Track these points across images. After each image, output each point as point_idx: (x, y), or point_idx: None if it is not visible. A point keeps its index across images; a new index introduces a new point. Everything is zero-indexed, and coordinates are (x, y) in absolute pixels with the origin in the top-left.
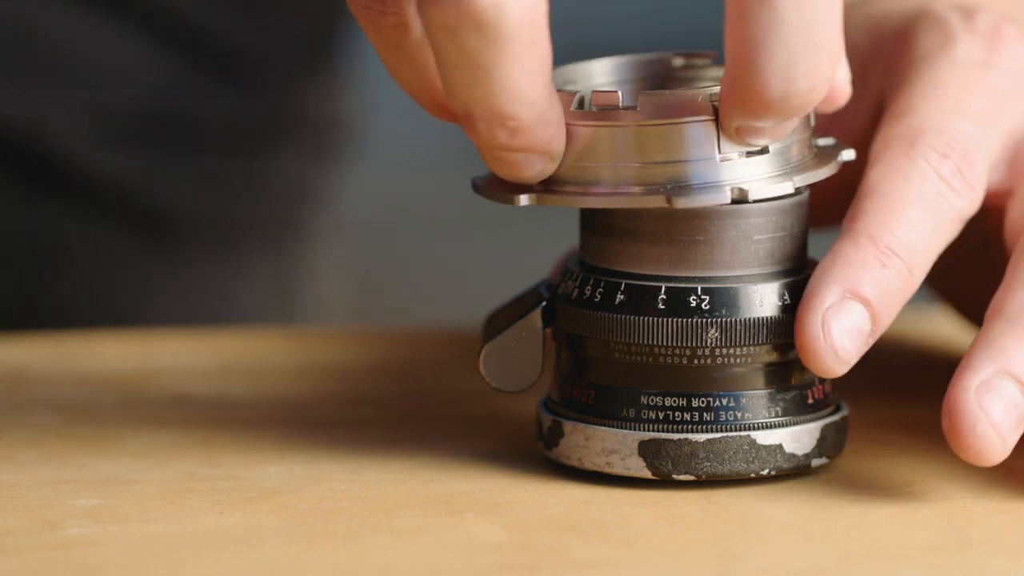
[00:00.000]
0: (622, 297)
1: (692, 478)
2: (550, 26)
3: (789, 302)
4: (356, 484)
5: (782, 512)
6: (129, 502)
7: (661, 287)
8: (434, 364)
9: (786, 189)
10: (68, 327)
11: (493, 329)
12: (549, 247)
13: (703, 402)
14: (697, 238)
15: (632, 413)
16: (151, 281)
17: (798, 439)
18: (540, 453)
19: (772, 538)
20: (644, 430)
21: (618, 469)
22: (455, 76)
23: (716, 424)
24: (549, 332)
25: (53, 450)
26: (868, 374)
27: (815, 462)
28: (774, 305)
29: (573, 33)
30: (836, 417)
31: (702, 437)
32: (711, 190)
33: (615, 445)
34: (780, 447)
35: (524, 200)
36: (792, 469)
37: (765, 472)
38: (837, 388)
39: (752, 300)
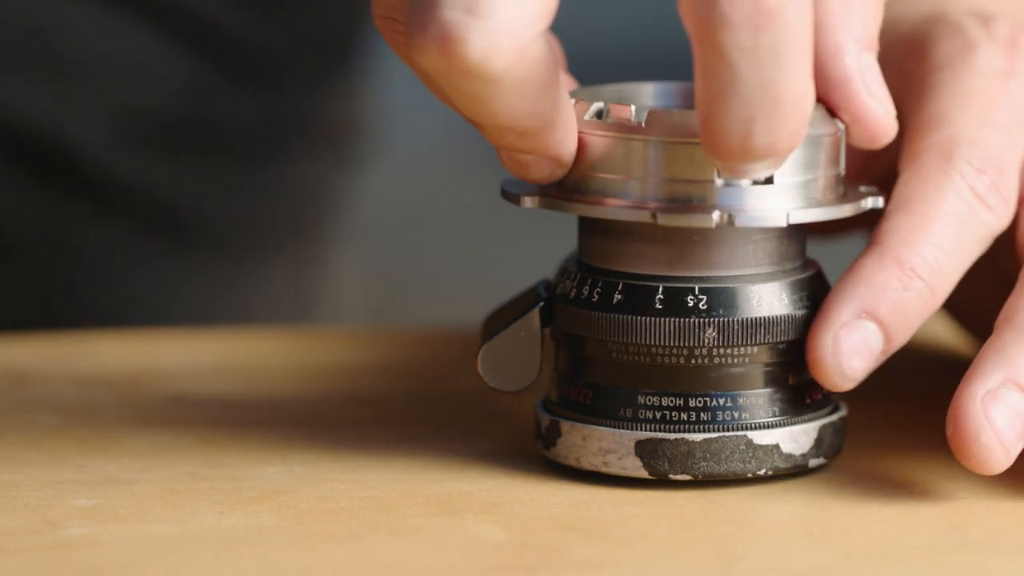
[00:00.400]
0: (620, 297)
1: (689, 478)
2: (564, 37)
3: (787, 302)
4: (356, 484)
5: (782, 512)
6: (129, 502)
7: (659, 287)
8: (434, 364)
9: (778, 222)
10: (86, 328)
11: (491, 329)
12: (550, 247)
13: (700, 402)
14: (695, 238)
15: (629, 413)
16: (170, 282)
17: (795, 439)
18: (539, 453)
19: (772, 538)
20: (641, 430)
21: (615, 469)
22: (456, 105)
23: (713, 424)
24: (547, 332)
25: (53, 450)
26: (868, 374)
27: (812, 462)
28: (771, 305)
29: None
30: (834, 418)
31: (699, 437)
32: (700, 212)
33: (612, 445)
34: (777, 447)
35: (528, 202)
36: (789, 469)
37: (762, 472)
38: None
39: (750, 300)
